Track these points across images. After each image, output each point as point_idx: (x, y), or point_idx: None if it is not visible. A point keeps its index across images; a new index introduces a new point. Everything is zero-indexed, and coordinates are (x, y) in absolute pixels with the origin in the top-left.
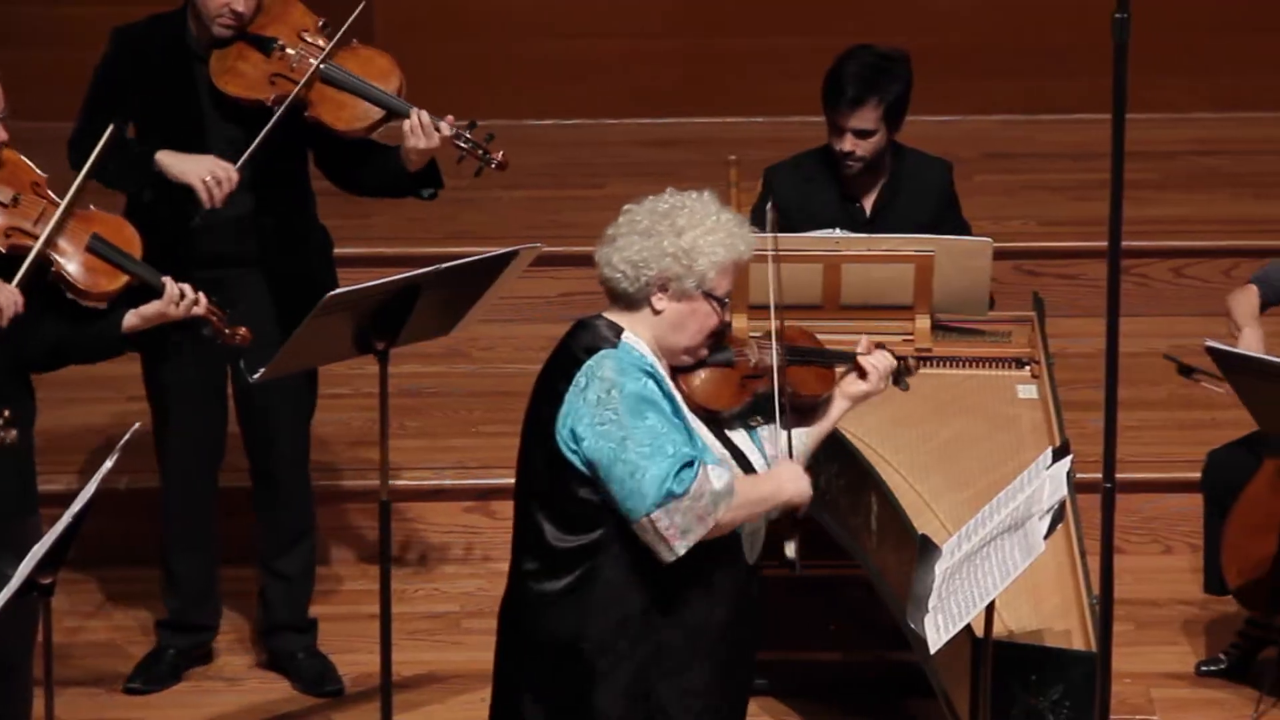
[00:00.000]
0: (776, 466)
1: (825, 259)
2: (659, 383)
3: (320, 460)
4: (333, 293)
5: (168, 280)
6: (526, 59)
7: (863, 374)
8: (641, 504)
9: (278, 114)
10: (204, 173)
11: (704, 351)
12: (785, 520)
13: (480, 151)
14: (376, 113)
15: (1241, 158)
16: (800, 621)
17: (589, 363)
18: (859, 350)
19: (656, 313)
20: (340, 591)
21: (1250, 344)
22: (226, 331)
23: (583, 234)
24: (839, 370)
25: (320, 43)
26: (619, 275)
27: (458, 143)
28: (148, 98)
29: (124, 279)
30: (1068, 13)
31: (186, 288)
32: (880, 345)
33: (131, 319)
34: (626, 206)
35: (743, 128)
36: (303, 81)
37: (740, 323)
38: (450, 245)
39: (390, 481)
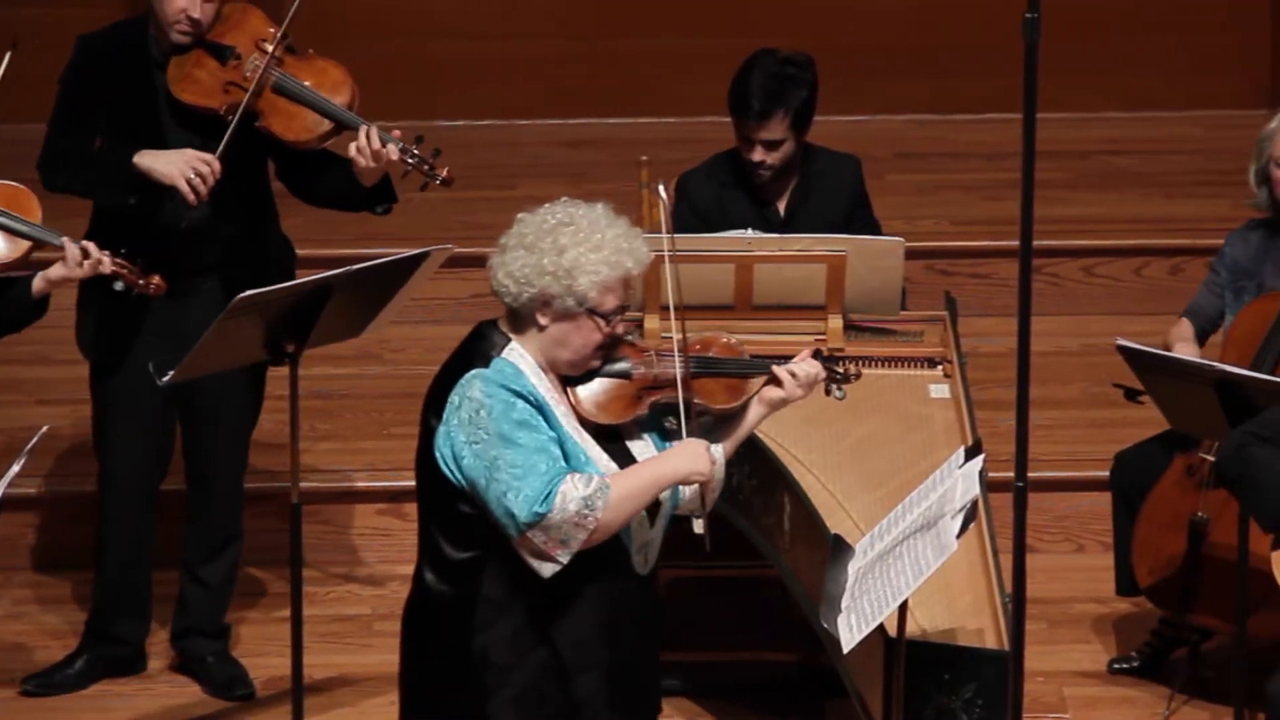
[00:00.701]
0: (674, 448)
1: (737, 259)
2: (533, 400)
3: None
4: (242, 295)
5: (66, 240)
6: (438, 60)
7: (779, 382)
8: (514, 524)
9: (234, 122)
10: (186, 170)
11: (594, 364)
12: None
13: (426, 167)
14: (326, 125)
15: (1151, 157)
16: (714, 622)
17: (461, 382)
18: (795, 358)
19: (541, 329)
20: (251, 595)
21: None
22: (140, 282)
23: (494, 235)
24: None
25: (277, 53)
26: (504, 289)
27: (405, 158)
28: (111, 105)
29: (25, 245)
30: (978, 12)
31: (90, 246)
32: (818, 353)
33: (39, 283)
34: (520, 215)
35: (654, 128)
36: (251, 90)
37: (652, 324)
38: (361, 246)
39: (301, 484)
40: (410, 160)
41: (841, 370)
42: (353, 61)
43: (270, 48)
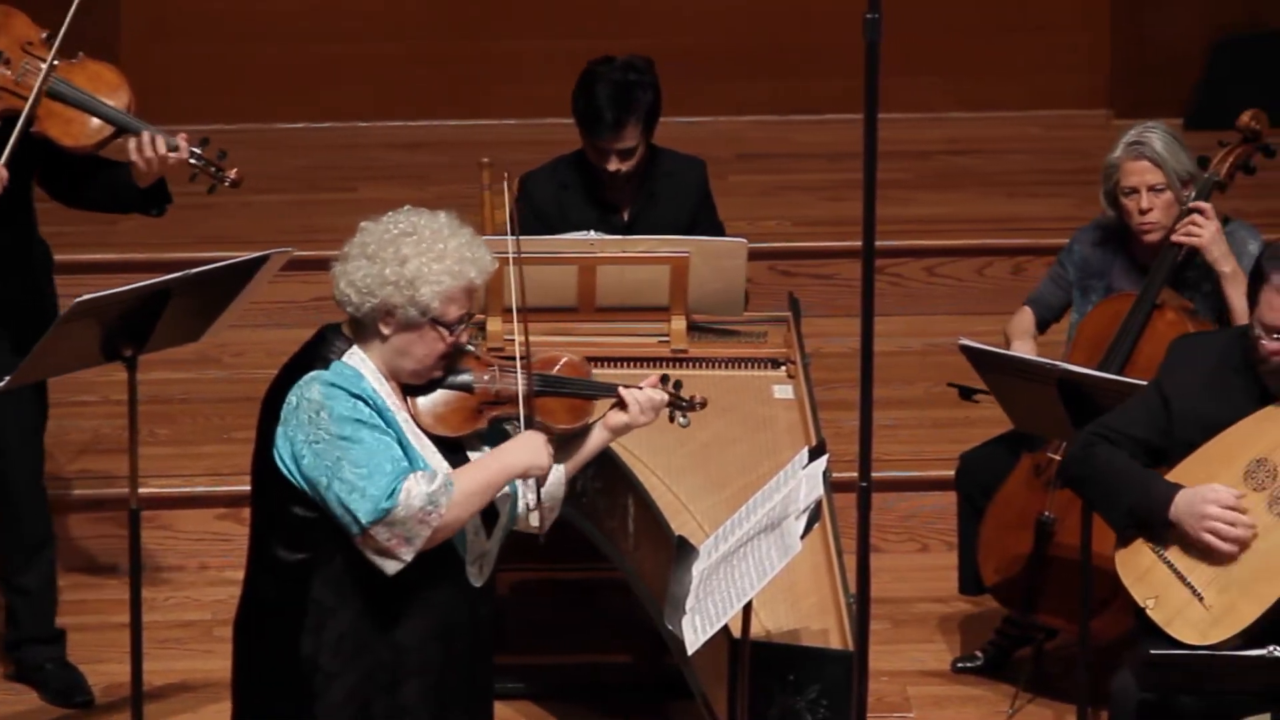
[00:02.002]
0: (513, 440)
1: (580, 261)
2: (373, 404)
3: (69, 469)
4: (80, 299)
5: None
6: (276, 62)
7: (624, 406)
8: (357, 522)
9: (18, 129)
10: None
11: (436, 373)
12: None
13: (213, 169)
14: (106, 129)
15: (993, 157)
16: (558, 624)
17: (299, 383)
18: (641, 385)
19: (384, 338)
20: (90, 601)
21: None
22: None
23: (334, 238)
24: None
25: (45, 55)
26: (345, 298)
27: (191, 160)
28: None
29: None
30: (820, 13)
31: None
32: (665, 378)
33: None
34: (362, 224)
35: (494, 130)
36: (33, 98)
37: (495, 326)
38: (201, 250)
39: (140, 489)
40: (197, 163)
41: (686, 398)
42: (190, 65)
43: (41, 52)
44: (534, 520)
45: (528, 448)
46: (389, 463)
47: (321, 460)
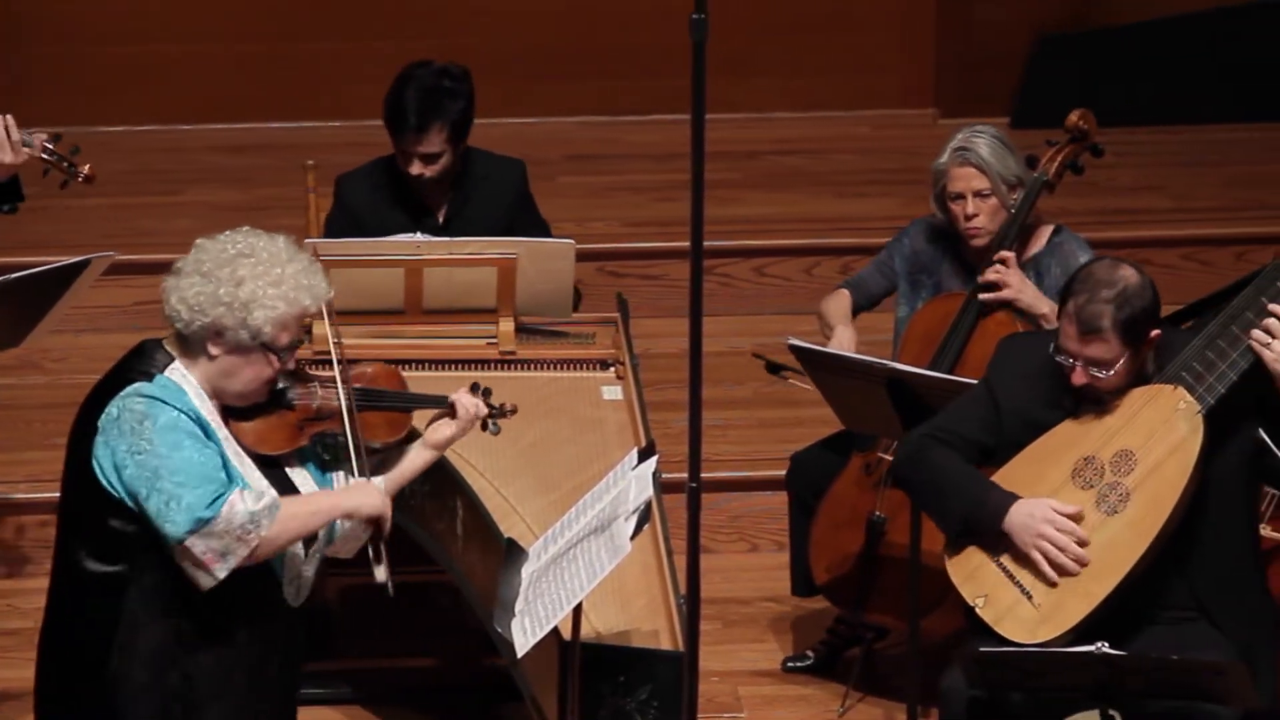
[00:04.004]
0: (351, 485)
1: (406, 264)
2: (197, 420)
3: None
4: None
5: None
6: (99, 64)
7: (451, 416)
8: (175, 531)
9: None
10: None
11: (261, 398)
12: (372, 541)
13: (66, 164)
14: None
15: (821, 157)
16: (386, 628)
17: (121, 394)
18: (451, 396)
19: (211, 358)
20: None
21: (842, 343)
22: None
23: (158, 242)
24: (431, 413)
25: None
26: (175, 314)
27: (43, 155)
28: None
29: None
30: (647, 14)
31: None
32: (475, 386)
33: None
34: (199, 241)
35: (320, 132)
36: None
37: (320, 329)
38: (21, 254)
39: None
40: (49, 158)
41: (498, 406)
42: (8, 67)
43: None
44: (380, 575)
45: (366, 492)
46: (211, 474)
47: (142, 470)
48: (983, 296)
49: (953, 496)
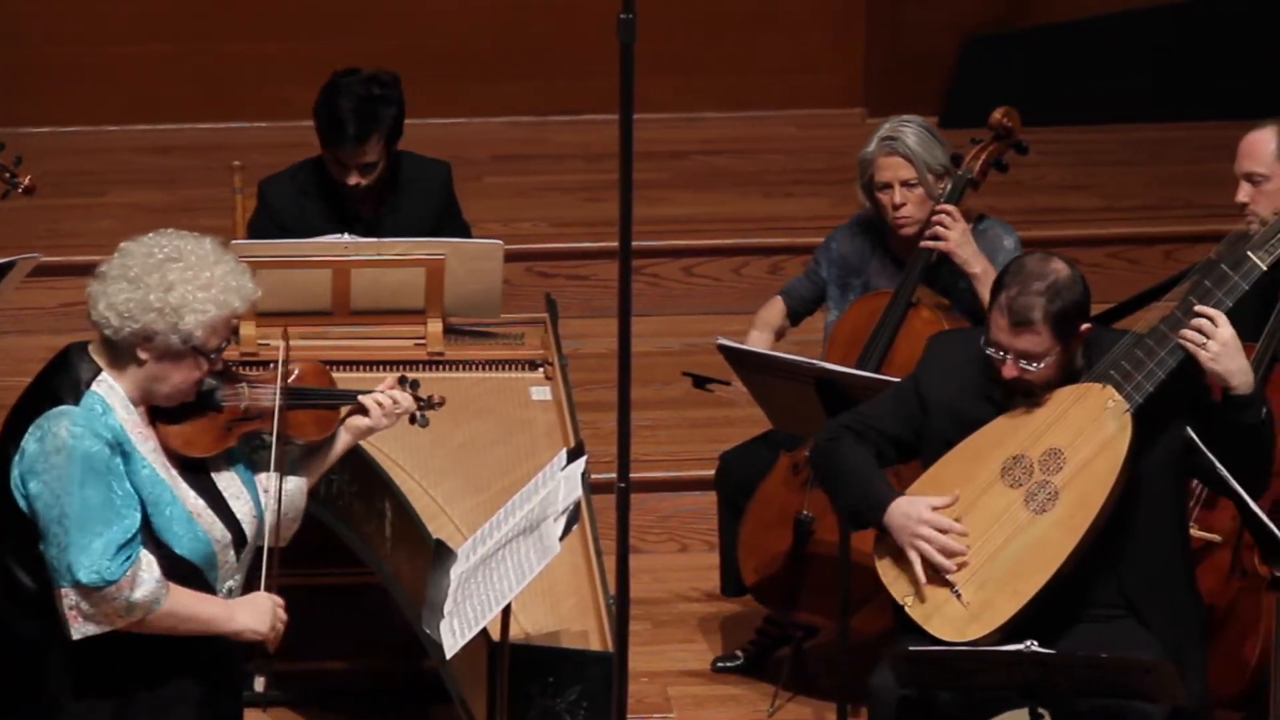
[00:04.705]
0: (244, 598)
1: (334, 264)
2: (120, 441)
3: None
4: None
5: None
6: (23, 65)
7: (365, 411)
8: (57, 578)
9: None
10: None
11: (190, 398)
12: (256, 650)
13: (8, 174)
14: None
15: (749, 157)
16: (317, 630)
17: (48, 414)
18: (379, 388)
19: (140, 364)
20: None
21: (756, 347)
22: None
23: (83, 243)
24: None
25: None
26: (104, 321)
27: None
28: None
29: None
30: (575, 14)
31: None
32: (403, 379)
33: None
34: (124, 245)
35: (245, 133)
36: None
37: (249, 330)
38: None
39: None
40: None
41: (425, 398)
42: None
43: None
44: (259, 686)
45: (256, 612)
46: (104, 527)
47: (48, 501)
48: (923, 244)
49: (847, 488)
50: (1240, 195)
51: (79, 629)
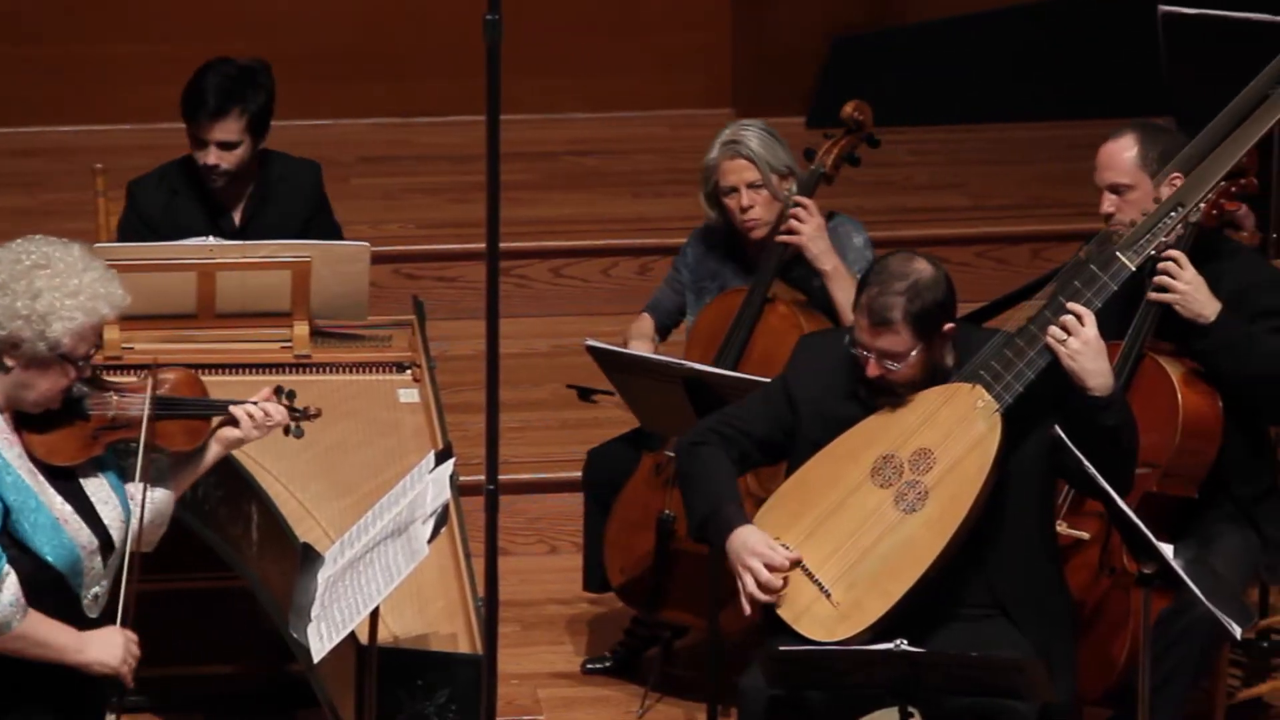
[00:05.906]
0: (98, 631)
1: (199, 267)
2: None
3: None
4: None
5: None
6: None
7: (237, 422)
8: None
9: None
10: None
11: (56, 405)
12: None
13: None
14: None
15: (618, 157)
16: (180, 635)
17: None
18: (253, 399)
19: (6, 370)
20: None
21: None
22: None
23: None
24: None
25: None
26: None
27: None
28: None
29: None
30: (439, 15)
31: None
32: (280, 389)
33: None
34: None
35: (108, 135)
36: None
37: (112, 334)
38: None
39: None
40: None
41: (301, 409)
42: None
43: None
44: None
45: (107, 645)
46: None
47: None
48: (779, 238)
49: (699, 498)
50: (1105, 206)
51: None
